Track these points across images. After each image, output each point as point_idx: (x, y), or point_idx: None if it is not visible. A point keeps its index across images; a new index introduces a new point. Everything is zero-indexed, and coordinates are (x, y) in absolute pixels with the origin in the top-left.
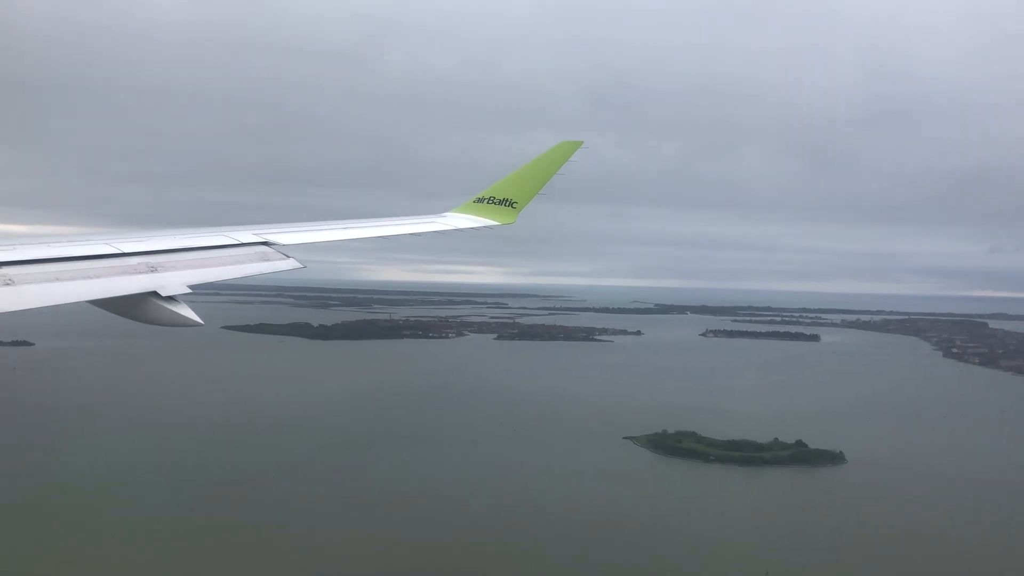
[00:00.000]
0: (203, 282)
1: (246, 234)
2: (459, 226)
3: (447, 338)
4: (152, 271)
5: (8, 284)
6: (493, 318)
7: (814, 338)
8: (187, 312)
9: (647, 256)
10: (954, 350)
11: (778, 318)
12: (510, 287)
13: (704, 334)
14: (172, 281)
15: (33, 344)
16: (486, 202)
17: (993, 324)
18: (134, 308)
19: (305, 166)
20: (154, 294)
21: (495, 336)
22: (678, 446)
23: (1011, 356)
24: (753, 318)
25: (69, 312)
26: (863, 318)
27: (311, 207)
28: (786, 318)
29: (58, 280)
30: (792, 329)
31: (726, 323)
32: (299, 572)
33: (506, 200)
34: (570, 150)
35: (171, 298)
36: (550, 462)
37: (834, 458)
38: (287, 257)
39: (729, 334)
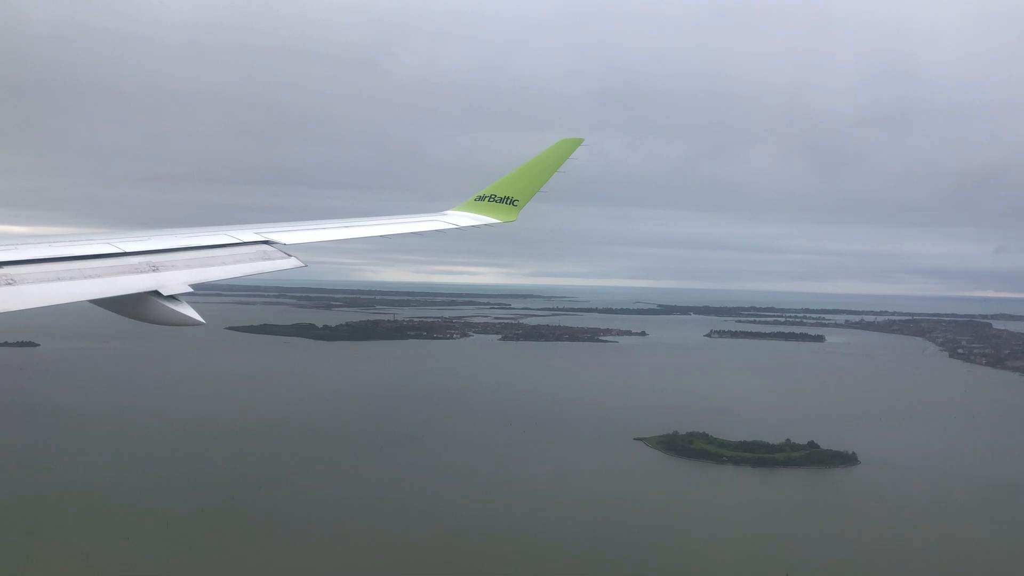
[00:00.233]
0: (204, 281)
1: (247, 233)
2: (460, 224)
3: (451, 339)
4: (153, 270)
5: (9, 284)
6: (497, 319)
7: (819, 339)
8: (188, 311)
9: (649, 257)
10: (960, 350)
11: (782, 319)
12: (512, 288)
13: (709, 335)
14: (173, 280)
15: (38, 345)
16: (487, 200)
17: (997, 324)
18: (135, 307)
19: (312, 168)
20: (155, 293)
21: (499, 337)
22: (690, 447)
23: (1017, 356)
24: (757, 319)
25: (73, 313)
26: (867, 319)
27: (316, 209)
28: (790, 319)
29: (59, 280)
30: (796, 330)
31: (730, 324)
32: (306, 572)
33: (507, 198)
34: (571, 147)
35: (172, 297)
36: (562, 463)
37: (847, 459)
38: (288, 256)
39: (734, 335)
